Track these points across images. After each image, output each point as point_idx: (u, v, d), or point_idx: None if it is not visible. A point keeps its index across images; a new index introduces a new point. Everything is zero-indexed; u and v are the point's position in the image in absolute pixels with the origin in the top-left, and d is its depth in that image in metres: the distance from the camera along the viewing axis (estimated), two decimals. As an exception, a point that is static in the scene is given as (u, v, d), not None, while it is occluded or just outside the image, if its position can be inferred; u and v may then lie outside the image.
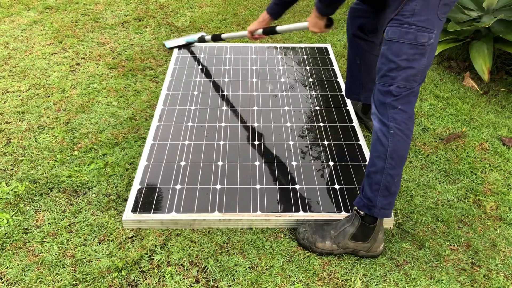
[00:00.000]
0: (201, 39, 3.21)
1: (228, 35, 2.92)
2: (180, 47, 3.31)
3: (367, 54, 2.37)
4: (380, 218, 1.85)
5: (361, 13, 2.32)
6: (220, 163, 2.28)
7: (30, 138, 2.51)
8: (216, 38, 3.02)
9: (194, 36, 3.30)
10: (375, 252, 1.90)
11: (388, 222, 2.03)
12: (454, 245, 1.98)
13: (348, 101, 2.75)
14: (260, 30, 2.58)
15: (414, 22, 1.62)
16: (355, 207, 1.89)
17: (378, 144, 1.77)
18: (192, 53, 3.22)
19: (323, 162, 2.31)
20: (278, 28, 2.53)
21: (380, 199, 1.80)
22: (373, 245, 1.88)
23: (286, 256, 1.90)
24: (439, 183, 2.29)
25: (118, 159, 2.37)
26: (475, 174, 2.35)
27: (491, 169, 2.38)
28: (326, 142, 2.43)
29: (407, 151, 1.78)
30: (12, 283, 1.77)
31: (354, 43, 2.40)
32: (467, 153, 2.48)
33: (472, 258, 1.93)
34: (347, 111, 2.67)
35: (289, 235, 2.00)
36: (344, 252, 1.91)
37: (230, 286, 1.78)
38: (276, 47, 3.34)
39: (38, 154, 2.40)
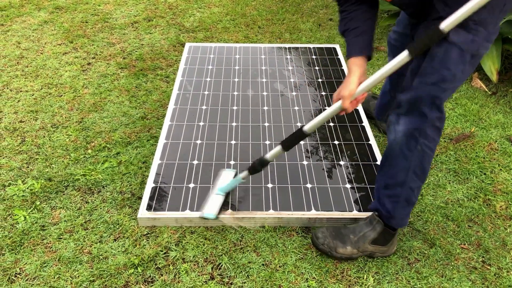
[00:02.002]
0: (256, 167, 2.03)
1: (314, 122, 1.79)
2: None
3: None
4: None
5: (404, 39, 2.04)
6: (232, 162, 2.31)
7: (44, 136, 2.55)
8: (293, 140, 1.90)
9: (228, 179, 2.20)
10: (389, 253, 1.93)
11: (399, 221, 2.05)
12: (464, 244, 2.01)
13: (358, 101, 2.77)
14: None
15: (482, 31, 1.46)
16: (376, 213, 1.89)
17: (401, 158, 1.69)
18: (202, 53, 3.25)
19: (333, 161, 2.34)
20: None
21: (399, 211, 1.81)
22: (390, 248, 1.91)
23: (299, 254, 1.93)
24: (449, 183, 2.32)
25: (131, 157, 2.41)
26: (485, 174, 2.37)
27: (501, 169, 2.40)
28: (336, 142, 2.46)
29: (430, 164, 1.73)
30: (31, 279, 1.80)
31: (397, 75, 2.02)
32: (476, 153, 2.50)
33: (483, 257, 1.95)
34: (357, 111, 2.69)
35: (301, 233, 2.02)
36: (361, 256, 1.92)
37: (245, 283, 1.81)
38: (285, 48, 3.36)
39: (52, 153, 2.43)
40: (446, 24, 1.41)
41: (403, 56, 1.51)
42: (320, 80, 2.99)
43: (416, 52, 1.50)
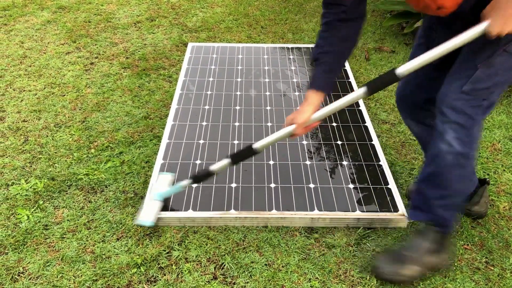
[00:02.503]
0: (200, 176, 2.02)
1: (263, 142, 1.85)
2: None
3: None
4: None
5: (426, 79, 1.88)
6: (235, 162, 2.31)
7: (47, 136, 2.55)
8: (241, 156, 1.93)
9: (164, 184, 2.15)
10: (449, 262, 1.88)
11: (402, 221, 2.05)
12: (468, 244, 2.00)
13: (361, 101, 2.77)
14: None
15: None
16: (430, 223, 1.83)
17: (457, 168, 1.65)
18: (205, 53, 3.25)
19: (336, 161, 2.33)
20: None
21: (454, 217, 1.80)
22: (447, 254, 1.86)
23: (301, 254, 1.93)
24: (452, 183, 2.31)
25: (134, 157, 2.41)
26: (488, 174, 2.37)
27: (504, 170, 2.40)
28: (339, 142, 2.46)
29: None
30: (34, 278, 1.80)
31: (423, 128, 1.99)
32: (480, 153, 2.50)
33: (486, 258, 1.95)
34: (360, 111, 2.69)
35: (304, 233, 2.02)
36: (427, 272, 1.84)
37: (247, 282, 1.81)
38: (287, 48, 3.36)
39: (55, 152, 2.44)
40: (401, 70, 1.58)
41: (360, 92, 1.64)
42: (323, 80, 2.98)
43: (371, 92, 1.64)
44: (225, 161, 1.90)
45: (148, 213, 1.99)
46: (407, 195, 2.21)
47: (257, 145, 1.83)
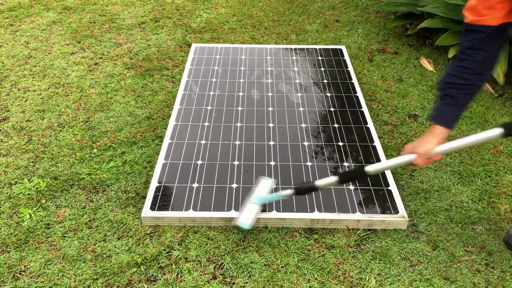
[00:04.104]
0: (303, 189, 1.97)
1: (378, 167, 1.80)
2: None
3: None
4: None
5: None
6: (236, 162, 2.32)
7: (50, 136, 2.57)
8: (351, 177, 1.96)
9: (265, 190, 2.14)
10: None
11: (402, 223, 2.05)
12: (468, 247, 2.00)
13: (363, 103, 2.77)
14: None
15: None
16: None
17: None
18: (208, 54, 3.26)
19: (337, 163, 2.34)
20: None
21: None
22: None
23: (301, 255, 1.93)
24: (454, 185, 2.31)
25: (136, 157, 2.42)
26: (490, 176, 2.36)
27: (506, 172, 2.39)
28: (340, 143, 2.46)
29: None
30: (35, 276, 1.82)
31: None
32: (482, 155, 2.49)
33: (486, 260, 1.94)
34: (362, 112, 2.69)
35: (304, 234, 2.03)
36: None
37: (247, 283, 1.82)
38: (290, 49, 3.37)
39: (58, 152, 2.46)
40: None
41: (496, 133, 1.58)
42: (325, 81, 2.99)
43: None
44: (333, 179, 1.86)
45: (248, 216, 1.99)
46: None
47: (370, 168, 1.78)
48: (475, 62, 1.55)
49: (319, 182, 1.89)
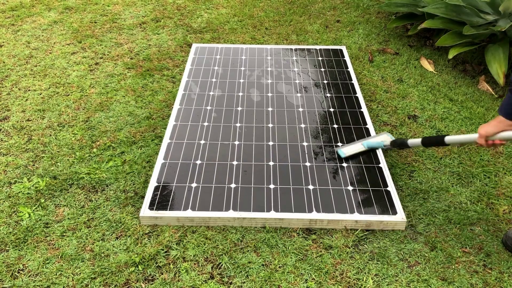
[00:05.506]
0: (397, 143, 2.29)
1: (454, 138, 1.99)
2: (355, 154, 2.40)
3: None
4: None
5: None
6: (235, 162, 2.32)
7: (50, 135, 2.58)
8: (432, 142, 2.11)
9: (378, 139, 2.41)
10: None
11: (401, 224, 2.05)
12: (466, 247, 2.00)
13: (363, 103, 2.77)
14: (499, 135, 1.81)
15: None
16: None
17: None
18: (209, 54, 3.27)
19: (336, 163, 2.34)
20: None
21: None
22: None
23: (299, 255, 1.93)
24: (452, 186, 2.30)
25: (135, 157, 2.43)
26: (489, 177, 2.36)
27: (505, 173, 2.38)
28: (340, 144, 2.46)
29: None
30: (33, 275, 1.83)
31: None
32: (481, 156, 2.49)
33: (484, 261, 1.94)
34: (361, 113, 2.69)
35: (302, 234, 2.03)
36: None
37: (244, 282, 1.82)
38: (291, 49, 3.37)
39: (58, 151, 2.47)
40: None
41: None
42: (325, 81, 2.99)
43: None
44: (418, 140, 2.15)
45: (349, 149, 2.35)
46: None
47: (448, 138, 2.00)
48: None
49: (410, 141, 2.21)
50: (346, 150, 2.33)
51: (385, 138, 2.40)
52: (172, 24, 3.86)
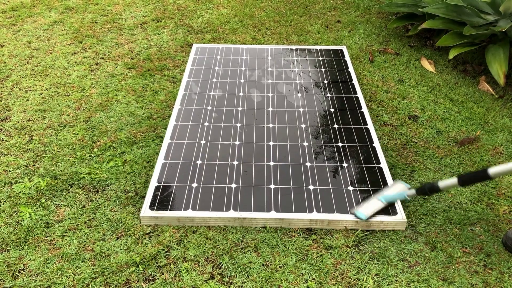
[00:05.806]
0: (425, 190, 2.00)
1: (500, 169, 1.76)
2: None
3: None
4: None
5: None
6: (235, 162, 2.33)
7: (51, 135, 2.58)
8: (472, 179, 1.87)
9: (395, 190, 2.17)
10: None
11: (401, 224, 2.05)
12: (466, 248, 2.00)
13: (363, 103, 2.77)
14: None
15: None
16: None
17: None
18: (209, 54, 3.27)
19: (336, 163, 2.34)
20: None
21: None
22: None
23: (299, 255, 1.94)
24: (453, 186, 2.31)
25: (136, 157, 2.43)
26: (489, 177, 2.36)
27: (505, 173, 2.39)
28: (340, 144, 2.46)
29: None
30: (34, 275, 1.83)
31: None
32: (481, 156, 2.49)
33: (485, 261, 1.94)
34: (362, 113, 2.69)
35: (302, 234, 2.03)
36: None
37: (244, 282, 1.82)
38: (291, 49, 3.37)
39: (58, 151, 2.47)
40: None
41: None
42: (326, 82, 2.99)
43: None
44: (453, 181, 1.89)
45: (368, 208, 2.06)
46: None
47: (492, 170, 1.77)
48: None
49: (441, 184, 1.93)
50: (366, 211, 2.05)
51: (401, 187, 2.17)
52: (173, 24, 3.87)
